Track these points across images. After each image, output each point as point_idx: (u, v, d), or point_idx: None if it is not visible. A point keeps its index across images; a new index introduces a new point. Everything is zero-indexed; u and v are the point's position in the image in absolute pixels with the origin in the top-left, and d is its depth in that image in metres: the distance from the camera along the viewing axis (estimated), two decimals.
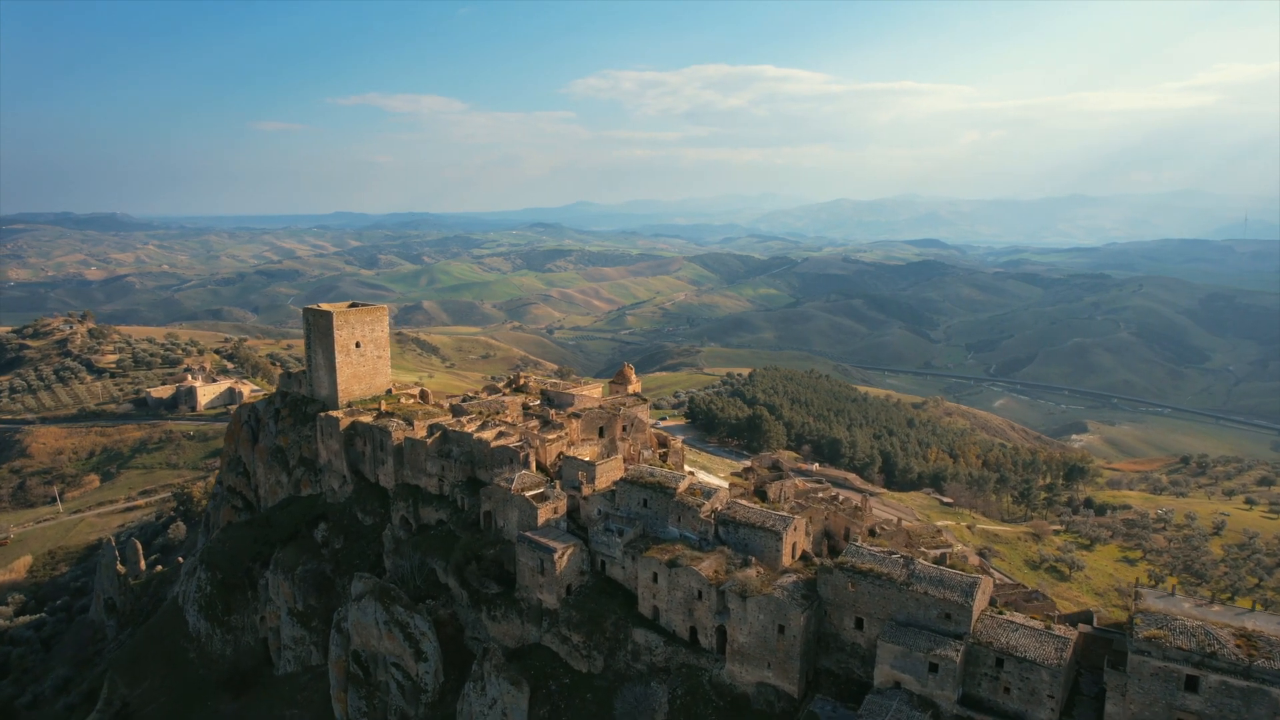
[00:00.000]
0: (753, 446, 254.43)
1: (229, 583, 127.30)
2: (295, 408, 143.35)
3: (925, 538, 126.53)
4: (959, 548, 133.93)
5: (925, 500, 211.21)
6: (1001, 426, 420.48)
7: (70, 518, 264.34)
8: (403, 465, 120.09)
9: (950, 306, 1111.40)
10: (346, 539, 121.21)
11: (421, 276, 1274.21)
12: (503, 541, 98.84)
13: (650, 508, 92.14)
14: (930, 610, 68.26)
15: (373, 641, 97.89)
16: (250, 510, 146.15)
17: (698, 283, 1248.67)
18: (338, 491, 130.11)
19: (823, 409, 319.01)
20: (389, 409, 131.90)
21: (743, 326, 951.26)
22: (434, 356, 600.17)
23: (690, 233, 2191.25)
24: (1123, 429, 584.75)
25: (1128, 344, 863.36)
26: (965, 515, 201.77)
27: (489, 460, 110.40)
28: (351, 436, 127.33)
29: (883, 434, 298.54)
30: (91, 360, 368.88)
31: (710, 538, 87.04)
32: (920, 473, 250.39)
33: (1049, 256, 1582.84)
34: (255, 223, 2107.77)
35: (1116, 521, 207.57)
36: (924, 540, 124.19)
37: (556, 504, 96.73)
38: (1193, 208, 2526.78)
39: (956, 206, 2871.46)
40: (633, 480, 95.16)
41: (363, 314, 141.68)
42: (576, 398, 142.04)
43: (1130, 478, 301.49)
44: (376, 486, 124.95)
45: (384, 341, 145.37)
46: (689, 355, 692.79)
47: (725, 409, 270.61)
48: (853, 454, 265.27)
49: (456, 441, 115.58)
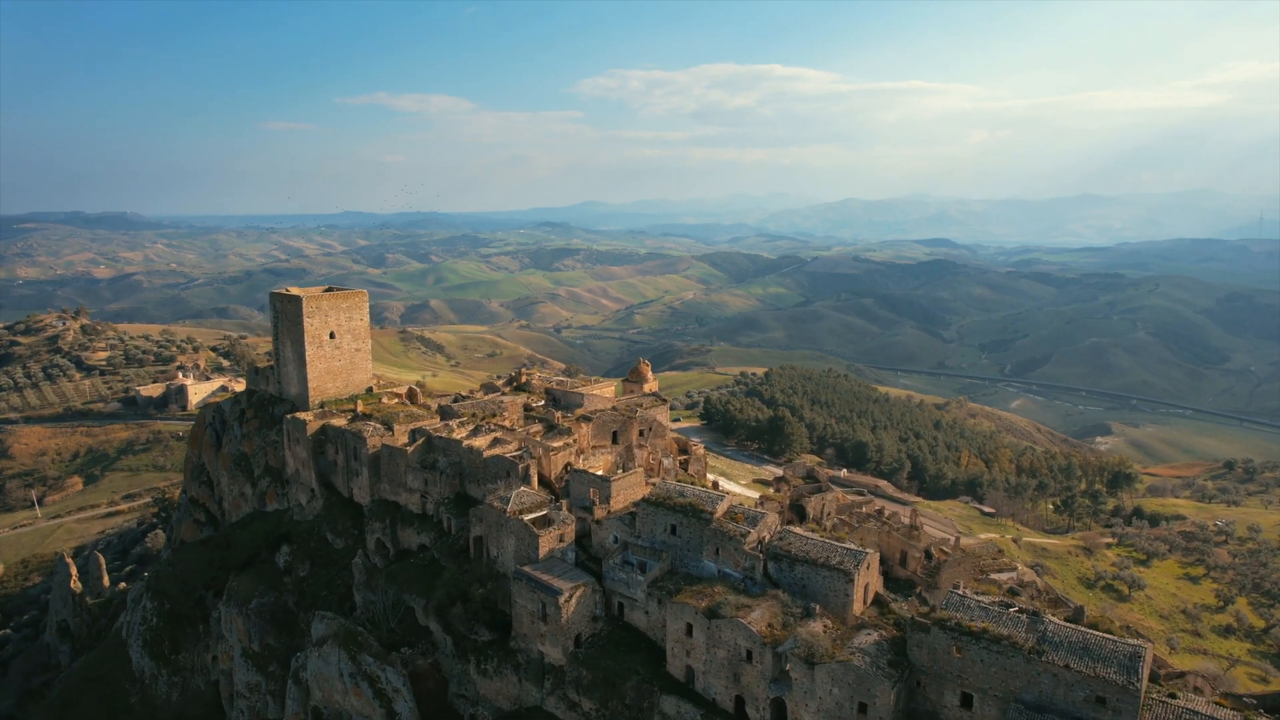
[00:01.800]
0: (774, 450, 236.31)
1: (178, 614, 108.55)
2: (262, 408, 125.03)
3: (985, 559, 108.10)
4: (1022, 570, 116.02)
5: (964, 510, 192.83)
6: (1027, 428, 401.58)
7: (48, 523, 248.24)
8: (379, 478, 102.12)
9: (962, 306, 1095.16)
10: (313, 565, 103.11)
11: (429, 275, 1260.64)
12: (496, 575, 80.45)
13: (680, 536, 73.73)
14: (1075, 691, 49.68)
15: (336, 697, 79.72)
16: (214, 525, 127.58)
17: (706, 282, 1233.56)
18: (305, 507, 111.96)
19: (844, 410, 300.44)
20: (366, 410, 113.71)
21: (753, 325, 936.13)
22: (439, 355, 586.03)
23: (698, 232, 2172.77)
24: (1147, 431, 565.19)
25: (1146, 344, 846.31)
26: (1009, 526, 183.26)
27: (481, 473, 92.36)
28: (321, 443, 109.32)
29: (909, 437, 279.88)
30: (81, 357, 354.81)
31: (757, 576, 68.54)
32: (953, 479, 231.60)
33: (1061, 256, 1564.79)
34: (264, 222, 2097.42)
35: (1173, 534, 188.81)
36: (985, 562, 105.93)
37: (563, 530, 79.14)
38: (1204, 207, 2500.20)
39: (966, 206, 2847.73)
40: (658, 501, 76.71)
41: (338, 299, 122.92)
42: (586, 397, 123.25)
43: (1171, 484, 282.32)
44: (350, 502, 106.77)
45: (363, 332, 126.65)
46: (699, 354, 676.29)
47: (744, 410, 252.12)
48: (879, 458, 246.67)
49: (443, 450, 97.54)
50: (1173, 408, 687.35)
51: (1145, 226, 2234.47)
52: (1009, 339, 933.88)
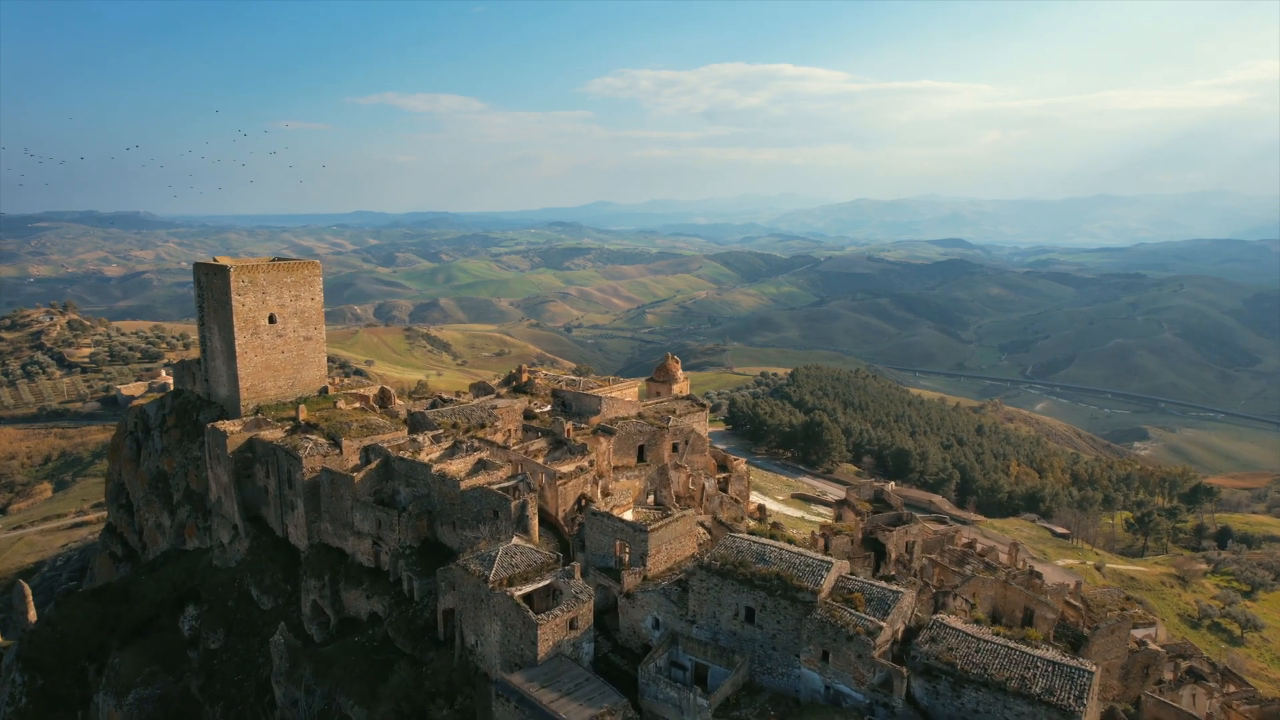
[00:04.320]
0: (809, 459, 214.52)
1: (51, 694, 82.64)
2: (184, 414, 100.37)
3: (1110, 607, 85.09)
4: (1160, 629, 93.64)
5: (1032, 530, 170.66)
6: (1066, 433, 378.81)
7: (8, 535, 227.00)
8: (319, 514, 76.81)
9: (980, 306, 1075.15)
10: (230, 634, 78.53)
11: (439, 274, 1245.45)
12: (474, 676, 56.63)
13: (762, 626, 50.11)
14: None
15: None
16: (133, 561, 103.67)
17: (718, 281, 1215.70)
18: (227, 549, 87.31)
19: (879, 414, 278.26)
20: (312, 419, 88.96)
21: (766, 325, 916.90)
22: (444, 353, 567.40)
23: (710, 232, 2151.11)
24: (1185, 435, 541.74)
25: (1173, 345, 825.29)
26: (1086, 550, 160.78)
27: (458, 511, 68.97)
28: (248, 462, 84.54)
29: (951, 443, 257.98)
30: (64, 354, 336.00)
31: (897, 706, 45.08)
32: (1010, 492, 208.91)
33: (1077, 256, 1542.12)
34: (275, 221, 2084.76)
35: (1277, 559, 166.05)
36: (1110, 611, 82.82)
37: (574, 612, 54.29)
38: (1221, 207, 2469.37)
39: (979, 207, 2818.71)
40: (725, 569, 52.42)
41: (280, 272, 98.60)
42: (604, 402, 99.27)
43: (1239, 496, 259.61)
44: (285, 545, 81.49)
45: (315, 315, 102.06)
46: (714, 354, 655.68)
47: (774, 414, 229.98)
48: (923, 468, 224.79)
49: (405, 476, 73.50)
50: (1203, 411, 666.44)
51: (1160, 227, 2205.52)
52: (1029, 340, 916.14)
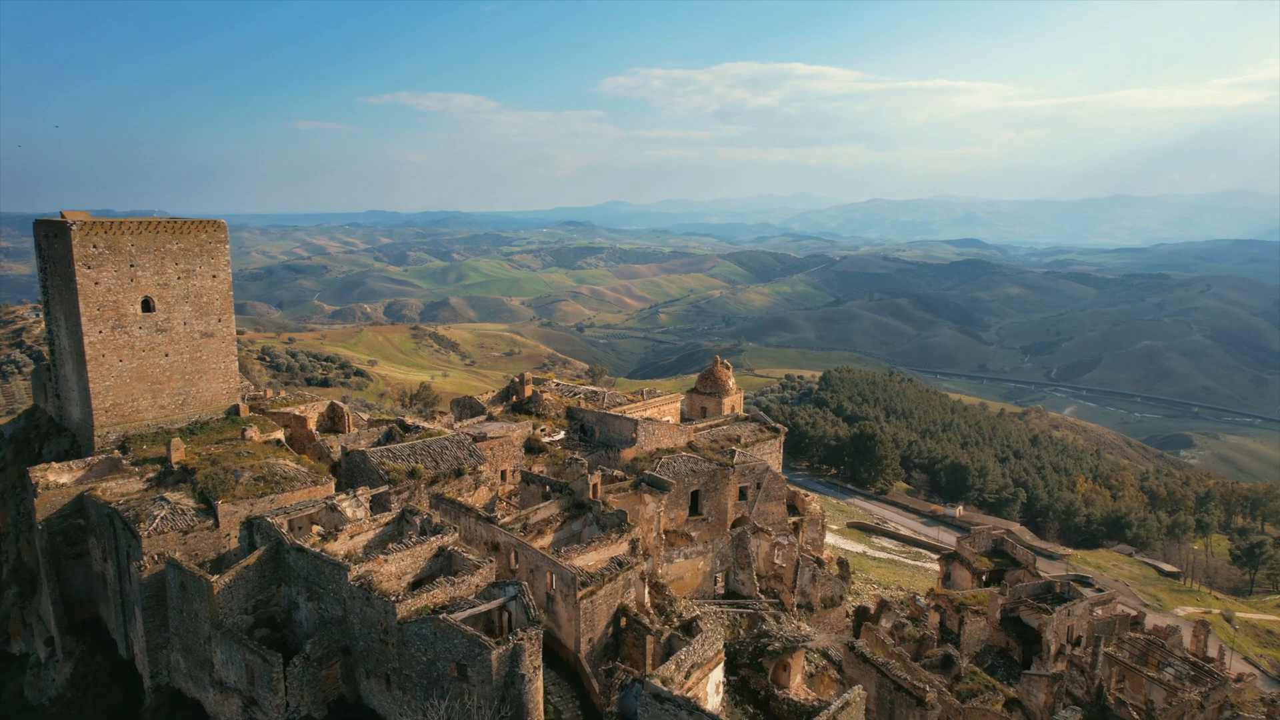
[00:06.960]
0: (858, 478, 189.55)
1: None
2: (27, 445, 70.97)
3: None
4: None
5: (1133, 567, 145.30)
6: (1118, 443, 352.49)
7: None
8: (165, 633, 47.12)
9: (1000, 307, 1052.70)
10: None
11: (450, 273, 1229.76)
12: None
13: None
14: None
15: None
16: None
17: (732, 280, 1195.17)
18: (40, 675, 57.62)
19: (924, 422, 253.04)
20: (187, 459, 57.77)
21: (782, 325, 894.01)
22: (452, 353, 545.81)
23: (723, 232, 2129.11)
24: (1229, 442, 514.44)
25: (1202, 347, 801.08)
26: (1205, 595, 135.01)
27: (393, 658, 40.34)
28: (78, 533, 54.70)
29: (1008, 456, 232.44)
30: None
31: None
32: (1087, 515, 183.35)
33: (1096, 257, 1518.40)
34: (289, 220, 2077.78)
35: None
36: None
37: None
38: (1242, 207, 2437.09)
39: (995, 207, 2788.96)
40: None
41: (161, 234, 67.34)
42: (640, 427, 70.79)
43: None
44: (130, 672, 51.52)
45: (220, 301, 71.32)
46: (731, 354, 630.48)
47: (816, 424, 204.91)
48: (982, 485, 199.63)
49: (307, 581, 43.49)
50: (1239, 415, 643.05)
51: (1180, 228, 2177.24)
52: (1053, 341, 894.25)
